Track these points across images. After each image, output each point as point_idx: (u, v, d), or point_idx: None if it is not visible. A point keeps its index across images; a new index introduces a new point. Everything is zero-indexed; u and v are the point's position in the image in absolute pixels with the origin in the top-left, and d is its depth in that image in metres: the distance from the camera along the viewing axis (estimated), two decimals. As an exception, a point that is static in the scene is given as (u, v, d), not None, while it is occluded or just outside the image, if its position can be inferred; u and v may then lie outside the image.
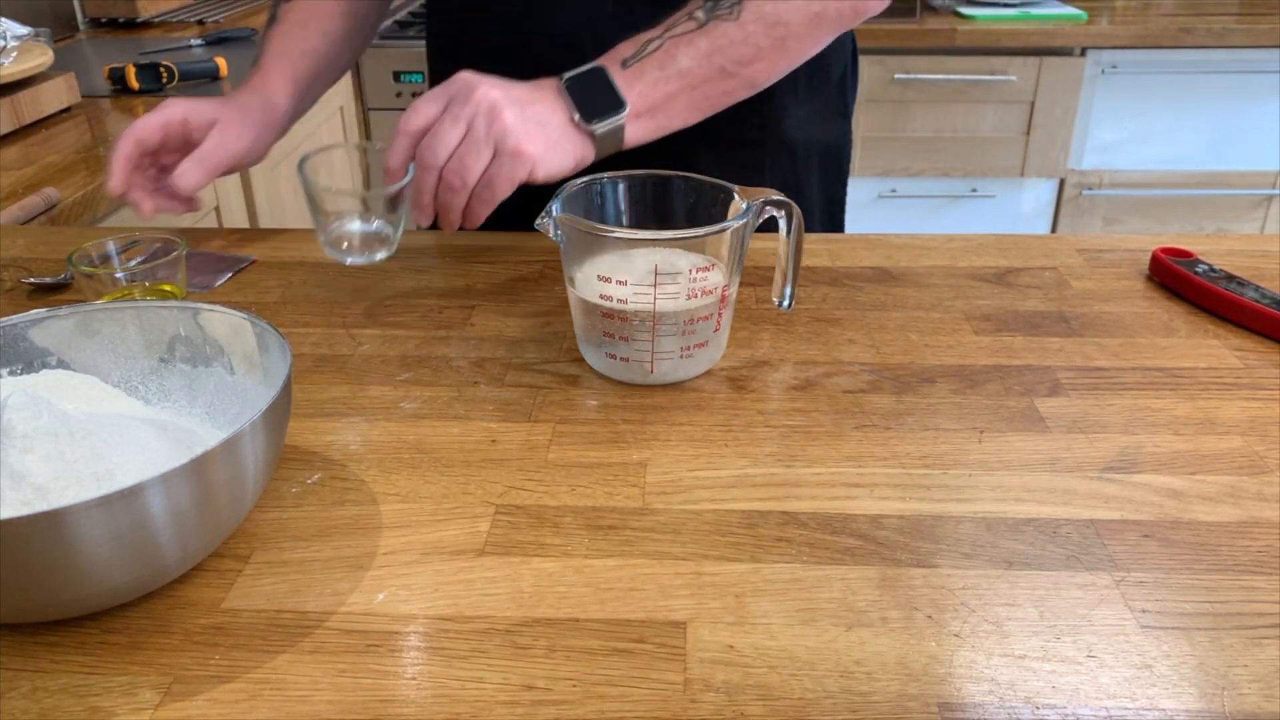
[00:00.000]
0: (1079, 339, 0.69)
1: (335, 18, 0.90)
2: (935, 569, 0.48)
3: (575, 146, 0.67)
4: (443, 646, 0.43)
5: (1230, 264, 0.76)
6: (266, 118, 0.83)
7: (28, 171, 1.20)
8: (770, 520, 0.51)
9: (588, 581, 0.47)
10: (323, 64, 0.90)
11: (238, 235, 0.88)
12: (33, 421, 0.45)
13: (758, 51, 0.71)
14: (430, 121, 0.65)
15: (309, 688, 0.41)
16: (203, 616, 0.45)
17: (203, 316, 0.55)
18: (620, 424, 0.59)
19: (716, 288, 0.60)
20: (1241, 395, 0.62)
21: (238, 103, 0.82)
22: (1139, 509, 0.52)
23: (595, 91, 0.68)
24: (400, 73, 2.17)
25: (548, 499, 0.53)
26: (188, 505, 0.42)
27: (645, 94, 0.68)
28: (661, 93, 0.69)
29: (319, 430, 0.59)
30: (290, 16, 0.89)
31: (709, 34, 0.69)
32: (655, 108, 0.69)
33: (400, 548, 0.49)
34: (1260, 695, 0.40)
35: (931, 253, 0.83)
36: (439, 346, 0.68)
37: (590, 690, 0.41)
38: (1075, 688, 0.41)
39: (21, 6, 1.83)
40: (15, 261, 0.83)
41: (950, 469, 0.55)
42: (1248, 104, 2.24)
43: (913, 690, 0.41)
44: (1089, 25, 2.17)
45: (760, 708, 0.40)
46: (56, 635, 0.44)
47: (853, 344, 0.68)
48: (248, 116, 0.81)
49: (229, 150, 0.79)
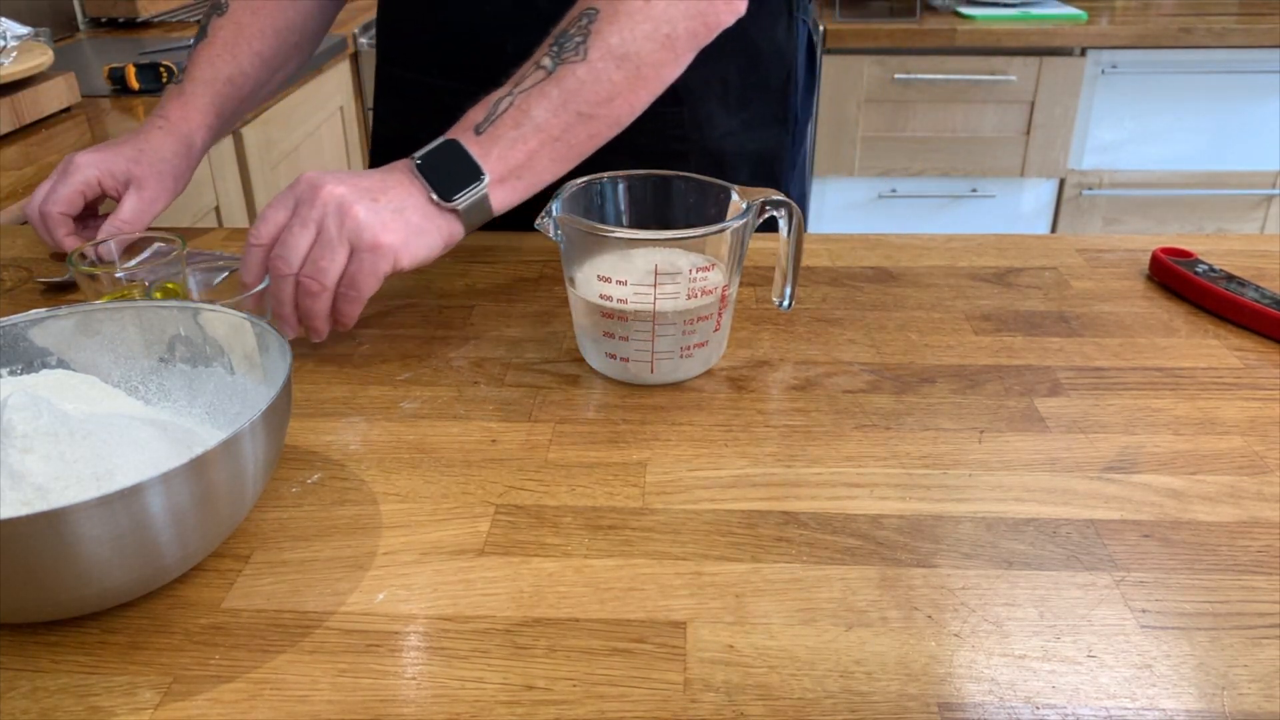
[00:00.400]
0: (1079, 339, 0.69)
1: (268, 36, 0.87)
2: (935, 569, 0.48)
3: (439, 227, 0.64)
4: (443, 646, 0.43)
5: (1230, 264, 0.76)
6: (180, 167, 0.82)
7: (28, 171, 1.20)
8: (770, 520, 0.51)
9: (588, 581, 0.47)
10: (250, 87, 0.87)
11: (238, 235, 0.88)
12: (33, 421, 0.45)
13: (613, 89, 0.68)
14: (279, 229, 0.63)
15: (309, 687, 0.41)
16: (203, 616, 0.45)
17: (203, 316, 0.55)
18: (620, 424, 0.59)
19: (716, 288, 0.60)
20: (1241, 395, 0.62)
21: (153, 152, 0.80)
22: (1139, 509, 0.52)
23: (450, 166, 0.64)
24: (400, 73, 2.16)
25: (548, 499, 0.53)
26: (188, 505, 0.42)
27: (504, 157, 0.65)
28: (521, 153, 0.65)
29: (319, 430, 0.59)
30: (220, 35, 0.86)
31: (559, 81, 0.66)
32: (518, 169, 0.66)
33: (400, 547, 0.49)
34: (1260, 695, 0.40)
35: (931, 253, 0.83)
36: (439, 346, 0.69)
37: (590, 690, 0.41)
38: (1075, 688, 0.41)
39: (21, 6, 1.83)
40: (15, 261, 0.83)
41: (950, 469, 0.55)
42: (1248, 104, 2.24)
43: (913, 690, 0.41)
44: (1089, 25, 2.17)
45: (760, 708, 0.40)
46: (56, 635, 0.44)
47: (853, 344, 0.68)
48: (163, 171, 0.80)
49: (145, 217, 0.79)
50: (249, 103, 0.89)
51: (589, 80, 0.67)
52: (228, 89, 0.85)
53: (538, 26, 0.70)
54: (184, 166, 0.82)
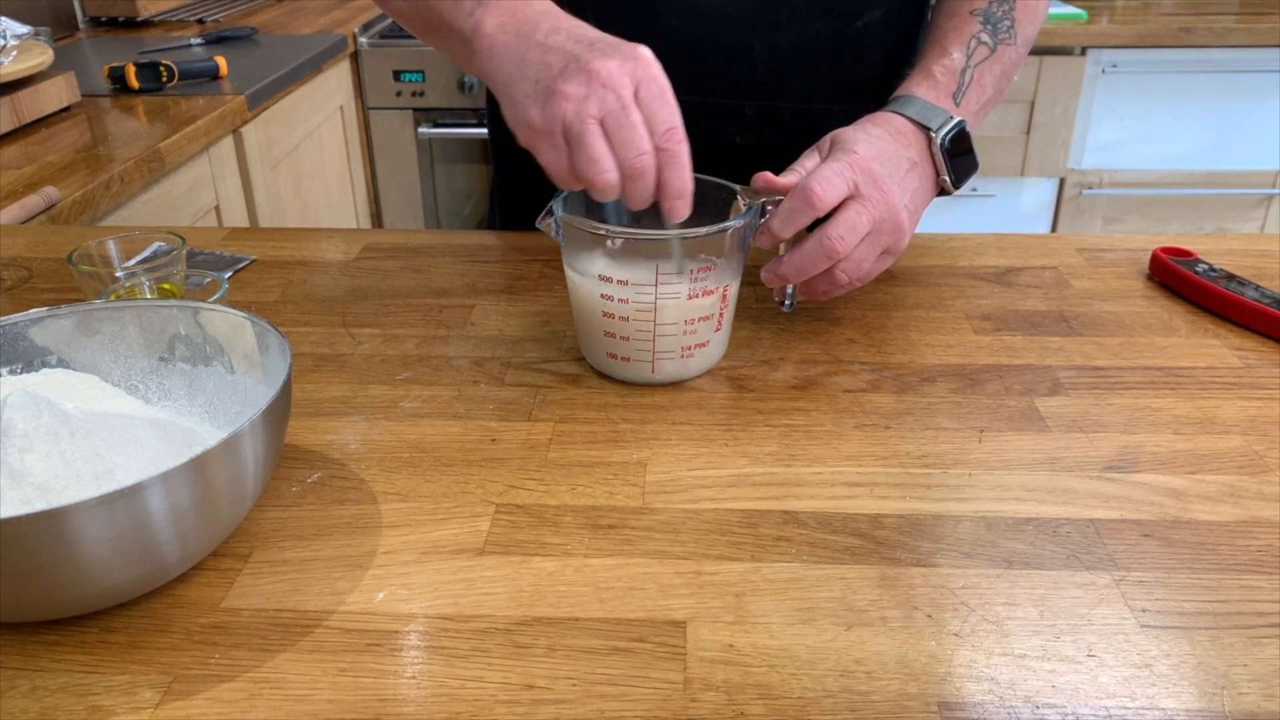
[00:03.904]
0: (1079, 338, 0.69)
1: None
2: (935, 568, 0.48)
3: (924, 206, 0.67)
4: (443, 645, 0.43)
5: (1230, 263, 0.76)
6: None
7: (28, 170, 1.20)
8: (770, 519, 0.51)
9: (588, 581, 0.47)
10: None
11: (238, 235, 0.88)
12: (33, 420, 0.45)
13: (1015, 71, 0.73)
14: (838, 201, 0.61)
15: (309, 687, 0.41)
16: (203, 615, 0.45)
17: (202, 316, 0.55)
18: (620, 423, 0.59)
19: (718, 287, 0.60)
20: (1241, 395, 0.62)
21: None
22: (1139, 508, 0.52)
23: (964, 154, 0.67)
24: (400, 72, 2.17)
25: (548, 498, 0.53)
26: (188, 504, 0.42)
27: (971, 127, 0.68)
28: (974, 122, 0.69)
29: (319, 429, 0.59)
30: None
31: (1000, 59, 0.70)
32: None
33: (400, 547, 0.49)
34: (1260, 695, 0.40)
35: (931, 252, 0.83)
36: (439, 346, 0.68)
37: (590, 689, 0.41)
38: (1075, 687, 0.41)
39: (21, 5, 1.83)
40: (15, 261, 0.83)
41: (950, 468, 0.55)
42: (1248, 104, 2.24)
43: (913, 689, 0.41)
44: (1089, 24, 2.17)
45: (760, 707, 0.40)
46: (56, 634, 0.44)
47: (853, 343, 0.68)
48: None
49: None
50: None
51: (1013, 63, 0.72)
52: None
53: (790, 25, 0.71)
54: None
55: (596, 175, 0.55)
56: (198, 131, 1.41)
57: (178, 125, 1.39)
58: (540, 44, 0.57)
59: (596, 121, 0.54)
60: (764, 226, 0.63)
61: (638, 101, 0.55)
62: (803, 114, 0.82)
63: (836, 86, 0.82)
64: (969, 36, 0.70)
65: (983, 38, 0.70)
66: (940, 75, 0.69)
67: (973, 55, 0.69)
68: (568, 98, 0.54)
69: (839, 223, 0.61)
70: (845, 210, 0.61)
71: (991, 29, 0.70)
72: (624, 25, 0.77)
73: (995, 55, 0.70)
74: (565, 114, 0.54)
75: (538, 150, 0.57)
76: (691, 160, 0.56)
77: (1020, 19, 0.73)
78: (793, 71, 0.80)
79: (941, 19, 0.75)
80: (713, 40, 0.78)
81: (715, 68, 0.79)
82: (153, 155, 1.29)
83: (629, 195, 0.56)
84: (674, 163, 0.55)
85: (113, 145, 1.30)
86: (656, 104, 0.55)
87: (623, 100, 0.54)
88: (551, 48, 0.57)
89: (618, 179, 0.55)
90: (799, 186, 0.60)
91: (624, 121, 0.54)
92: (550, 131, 0.56)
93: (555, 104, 0.55)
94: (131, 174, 1.24)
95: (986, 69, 0.70)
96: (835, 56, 0.80)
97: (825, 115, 0.75)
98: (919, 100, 0.67)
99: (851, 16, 0.79)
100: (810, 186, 0.60)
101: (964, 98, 0.68)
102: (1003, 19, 0.71)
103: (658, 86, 0.55)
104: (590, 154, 0.54)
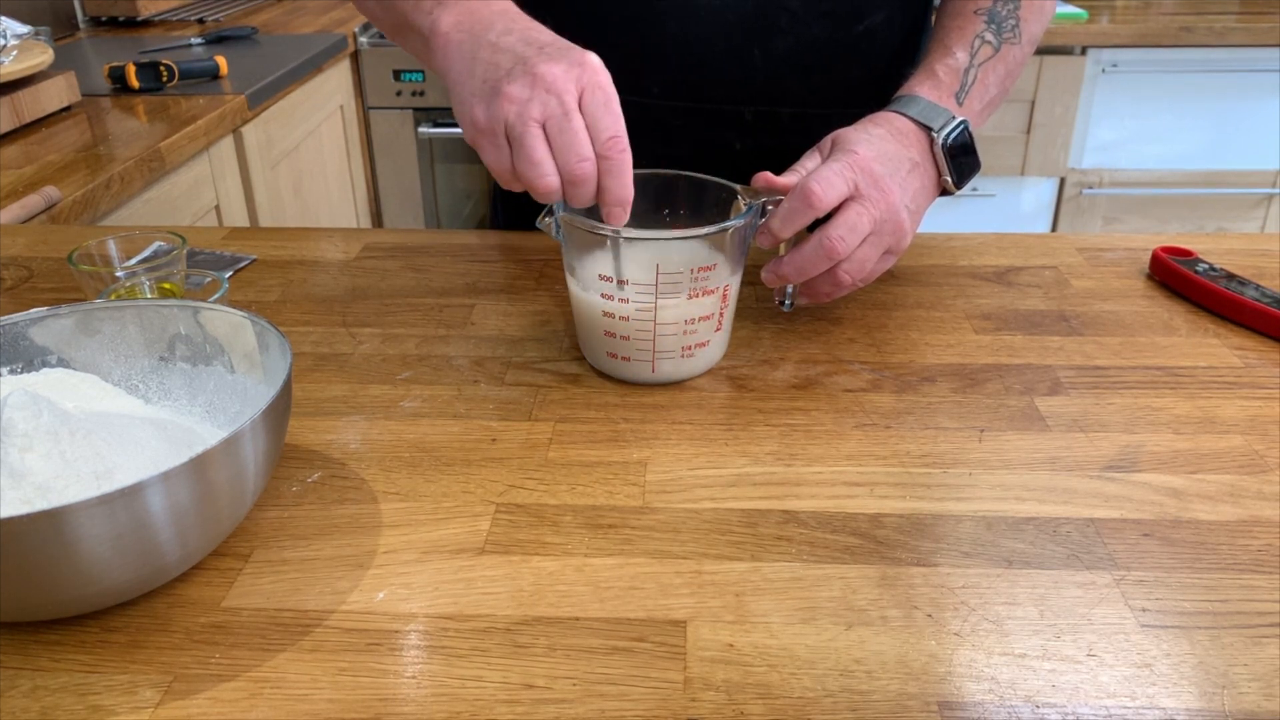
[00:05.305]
0: (1079, 338, 0.69)
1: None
2: (935, 568, 0.48)
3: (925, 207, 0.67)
4: (443, 645, 0.43)
5: (1231, 263, 0.76)
6: None
7: (28, 170, 1.20)
8: (770, 519, 0.51)
9: (588, 580, 0.47)
10: None
11: (238, 234, 0.88)
12: (33, 420, 0.45)
13: (1020, 70, 0.73)
14: (838, 201, 0.61)
15: (309, 686, 0.41)
16: (203, 615, 0.45)
17: (203, 315, 0.55)
18: (620, 423, 0.59)
19: (718, 287, 0.60)
20: (1241, 394, 0.62)
21: None
22: (1139, 508, 0.52)
23: (965, 154, 0.67)
24: (400, 71, 2.17)
25: (548, 498, 0.53)
26: (188, 504, 0.42)
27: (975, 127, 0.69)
28: (978, 122, 0.69)
29: (319, 429, 0.59)
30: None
31: (1004, 59, 0.71)
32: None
33: (400, 546, 0.49)
34: (1260, 694, 0.40)
35: (931, 252, 0.83)
36: (439, 345, 0.68)
37: (590, 689, 0.41)
38: (1075, 686, 0.41)
39: (21, 5, 1.83)
40: (15, 261, 0.83)
41: (950, 468, 0.55)
42: (1248, 103, 2.24)
43: (913, 689, 0.41)
44: (1089, 24, 2.17)
45: (760, 706, 0.40)
46: (57, 634, 0.44)
47: (853, 343, 0.68)
48: None
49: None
50: None
51: (1018, 62, 0.72)
52: None
53: (789, 30, 0.71)
54: None
55: (537, 179, 0.55)
56: (198, 131, 1.41)
57: (178, 125, 1.39)
58: (492, 44, 0.57)
59: (538, 124, 0.54)
60: (764, 226, 0.62)
61: (582, 108, 0.55)
62: (802, 119, 0.82)
63: (836, 91, 0.82)
64: (973, 36, 0.70)
65: (987, 37, 0.70)
66: (943, 75, 0.68)
67: (976, 54, 0.69)
68: (511, 99, 0.54)
69: (839, 223, 0.61)
70: (846, 210, 0.61)
71: (996, 28, 0.70)
72: (622, 31, 0.77)
73: (999, 55, 0.70)
74: (508, 115, 0.55)
75: (481, 149, 0.58)
76: (690, 167, 0.57)
77: (1026, 17, 0.72)
78: (792, 76, 0.79)
79: (946, 18, 0.74)
80: (711, 45, 0.78)
81: (714, 73, 0.79)
82: (153, 155, 1.29)
83: (569, 199, 0.57)
84: (614, 170, 0.55)
85: (113, 145, 1.30)
86: (600, 111, 0.55)
87: (565, 105, 0.54)
88: (502, 48, 0.57)
89: (558, 184, 0.56)
90: (798, 186, 0.60)
91: (565, 127, 0.54)
92: (493, 131, 0.56)
93: (498, 104, 0.55)
94: (131, 174, 1.24)
95: (990, 68, 0.70)
96: (835, 61, 0.80)
97: (825, 120, 0.75)
98: (921, 100, 0.67)
99: (853, 20, 0.78)
100: (810, 186, 0.60)
101: (967, 97, 0.68)
102: (1007, 18, 0.71)
103: (603, 94, 0.55)
104: (530, 156, 0.55)
